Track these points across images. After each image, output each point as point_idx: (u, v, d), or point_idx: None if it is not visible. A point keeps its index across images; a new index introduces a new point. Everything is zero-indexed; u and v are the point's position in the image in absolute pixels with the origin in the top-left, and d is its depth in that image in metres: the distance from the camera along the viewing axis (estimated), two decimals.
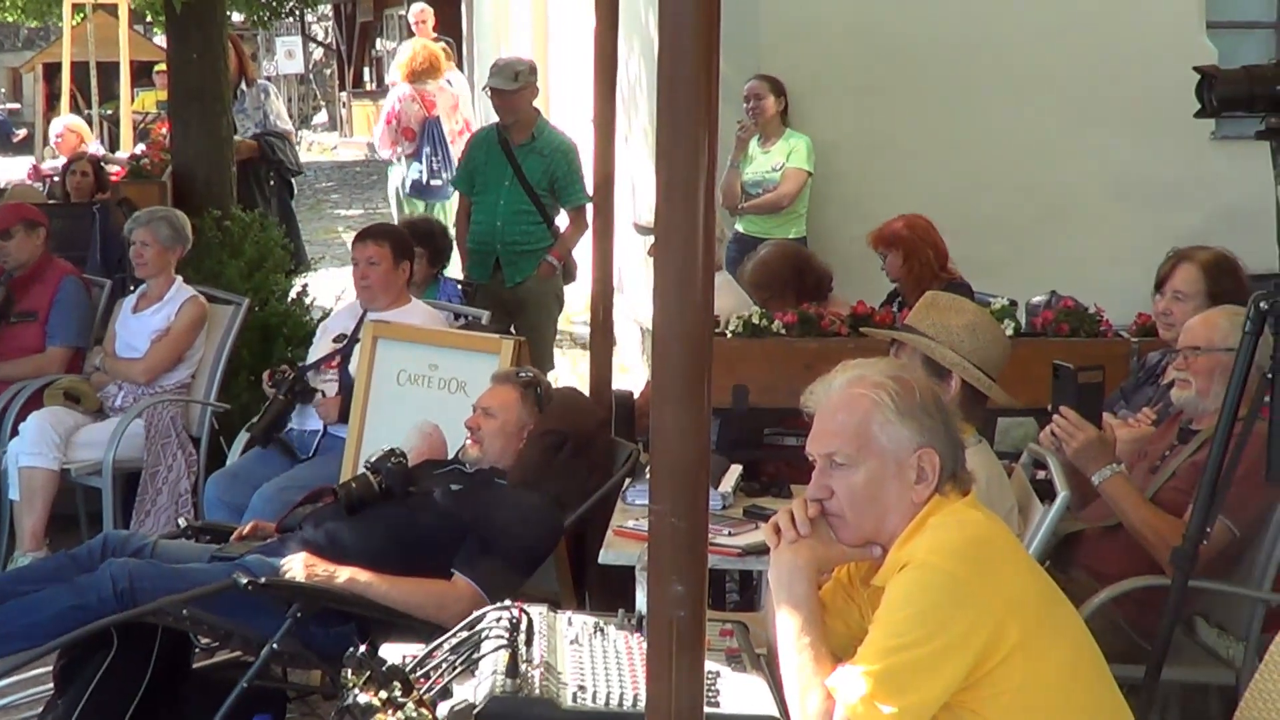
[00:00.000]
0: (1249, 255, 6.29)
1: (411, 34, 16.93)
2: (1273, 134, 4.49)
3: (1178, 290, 6.19)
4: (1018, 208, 10.61)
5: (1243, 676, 4.89)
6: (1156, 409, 5.95)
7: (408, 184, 13.34)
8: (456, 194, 10.15)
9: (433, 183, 13.17)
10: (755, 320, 6.69)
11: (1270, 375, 4.51)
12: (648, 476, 3.12)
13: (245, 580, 4.87)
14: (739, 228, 10.02)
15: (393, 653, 3.71)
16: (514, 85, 9.19)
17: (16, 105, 40.40)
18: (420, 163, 13.24)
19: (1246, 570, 5.33)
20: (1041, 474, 5.46)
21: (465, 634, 3.74)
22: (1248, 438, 4.66)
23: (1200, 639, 5.50)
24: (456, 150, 12.32)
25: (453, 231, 9.75)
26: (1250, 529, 5.23)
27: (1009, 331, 6.30)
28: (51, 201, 12.31)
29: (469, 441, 5.73)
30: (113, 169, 13.00)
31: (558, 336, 10.40)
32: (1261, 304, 4.53)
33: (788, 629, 3.43)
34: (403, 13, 24.68)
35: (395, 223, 11.51)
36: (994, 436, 6.42)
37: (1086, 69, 10.60)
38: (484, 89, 9.64)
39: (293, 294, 9.70)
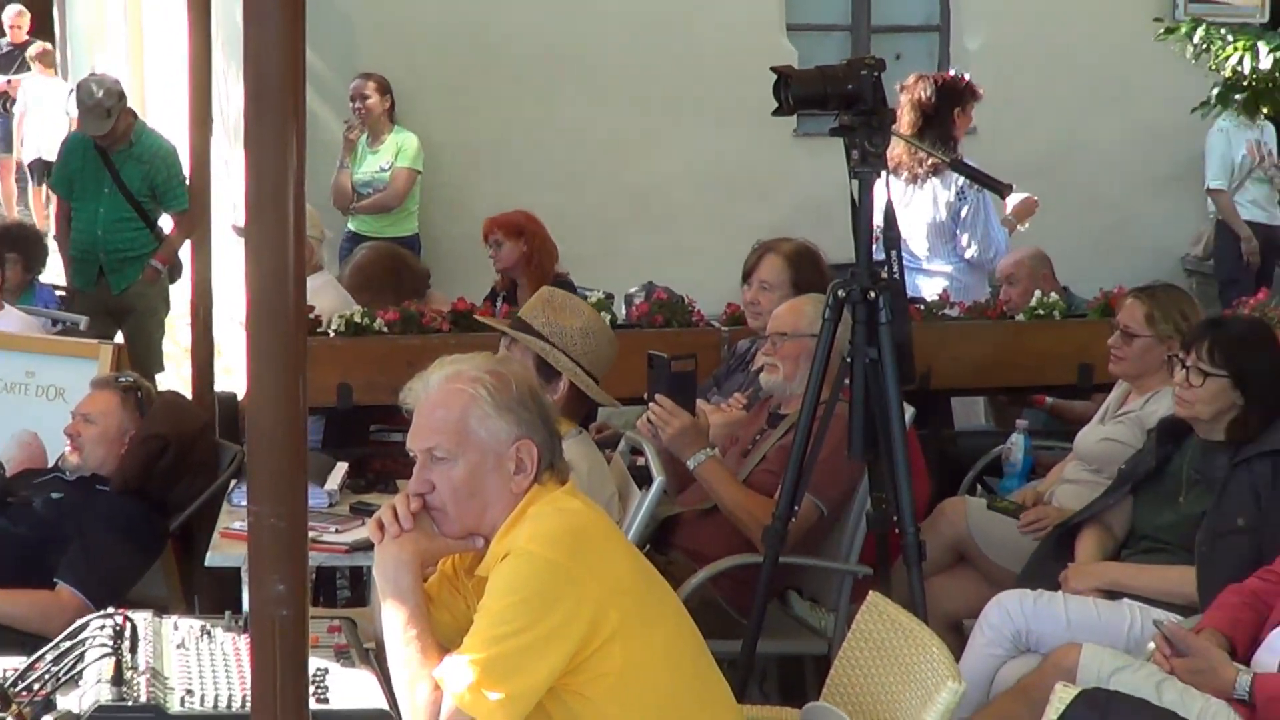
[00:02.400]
0: (829, 246, 6.49)
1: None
2: (846, 131, 4.63)
3: (764, 280, 6.34)
4: (612, 203, 10.72)
5: (834, 645, 5.01)
6: (747, 394, 6.08)
7: None
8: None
9: None
10: (357, 319, 6.63)
11: (849, 359, 4.65)
12: None
13: None
14: (351, 227, 9.91)
15: None
16: (107, 124, 8.83)
17: None
18: None
19: (834, 545, 5.50)
20: (639, 460, 5.53)
21: (68, 644, 3.63)
22: (831, 419, 4.79)
23: (794, 612, 5.65)
24: None
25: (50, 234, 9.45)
26: (836, 506, 5.39)
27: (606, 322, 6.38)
28: None
29: (69, 449, 5.55)
30: None
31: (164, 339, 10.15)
32: (840, 292, 4.67)
33: (394, 622, 3.40)
34: None
35: None
36: (596, 418, 6.50)
37: (674, 69, 10.77)
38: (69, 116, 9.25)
39: None
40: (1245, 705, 4.31)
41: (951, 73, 8.55)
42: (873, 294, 4.60)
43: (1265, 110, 6.91)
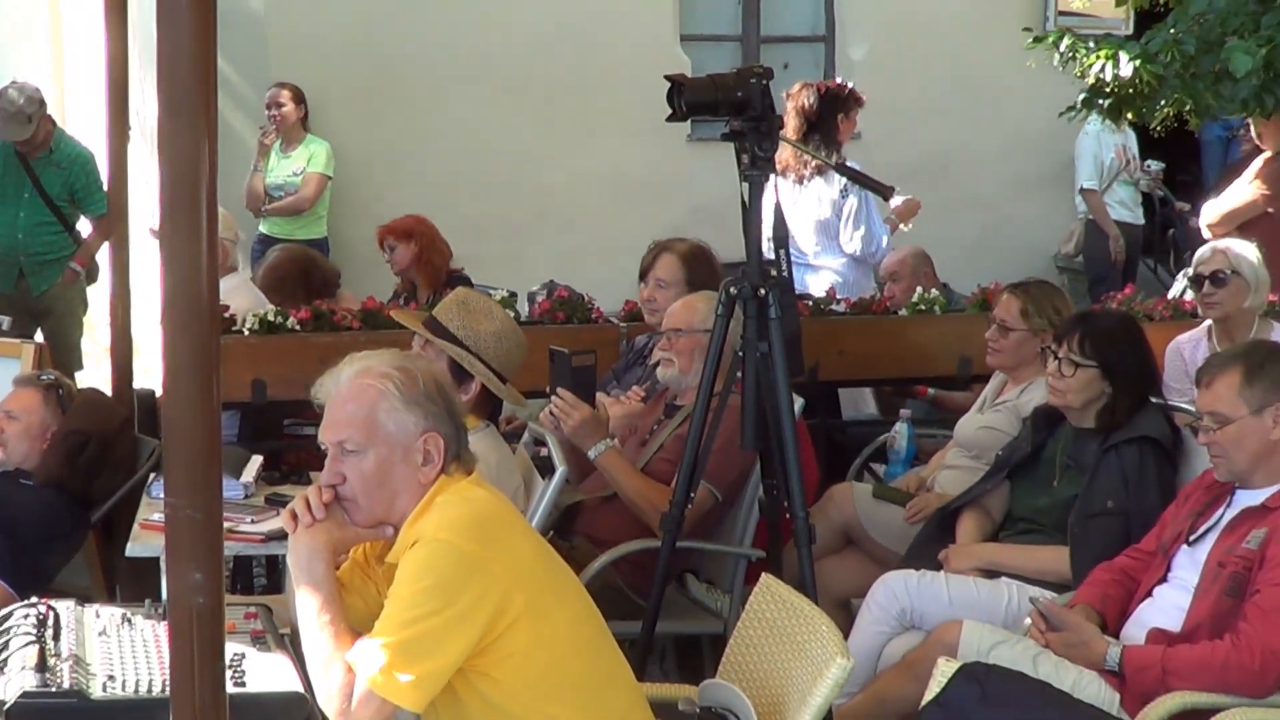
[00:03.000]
0: (721, 245, 6.50)
1: None
2: (736, 136, 4.63)
3: (660, 279, 6.35)
4: (515, 207, 10.70)
5: (729, 625, 5.03)
6: (645, 387, 6.08)
7: None
8: None
9: None
10: (271, 318, 6.58)
11: (741, 353, 4.65)
12: None
13: None
14: (263, 229, 9.85)
15: None
16: (28, 130, 8.69)
17: None
18: None
19: (728, 529, 5.51)
20: (543, 451, 5.52)
21: None
22: (724, 410, 4.80)
23: (691, 594, 5.65)
24: None
25: None
26: (730, 492, 5.40)
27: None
28: None
29: None
30: None
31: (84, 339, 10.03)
32: (732, 289, 4.67)
33: (308, 608, 3.38)
34: None
35: None
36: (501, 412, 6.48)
37: (574, 78, 10.77)
38: None
39: None
40: (1115, 675, 4.37)
41: (837, 81, 8.57)
42: (763, 291, 4.61)
43: (1129, 115, 6.97)
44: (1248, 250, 6.57)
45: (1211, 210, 7.98)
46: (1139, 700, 4.26)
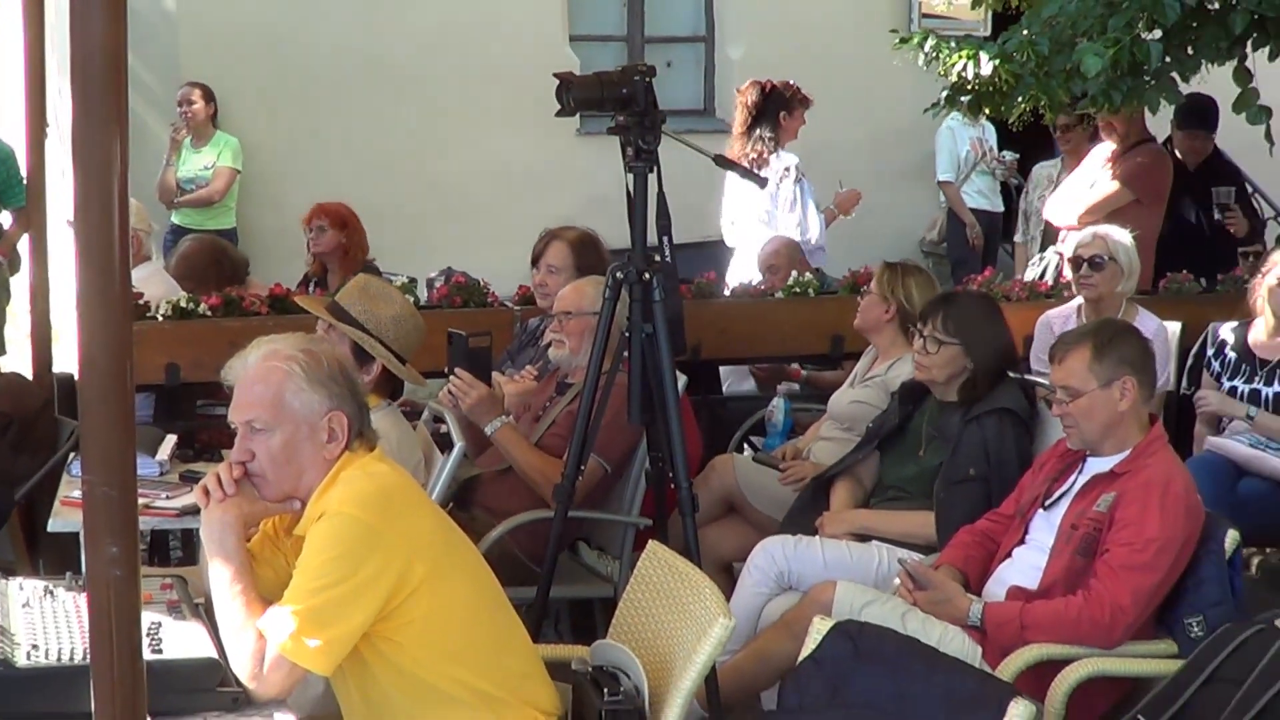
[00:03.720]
0: (609, 233, 6.49)
1: None
2: (621, 130, 4.63)
3: (550, 264, 6.34)
4: (414, 198, 10.67)
5: (619, 589, 5.04)
6: (537, 366, 6.08)
7: None
8: None
9: None
10: (183, 304, 6.52)
11: (628, 334, 4.66)
12: None
13: None
14: (175, 221, 9.78)
15: None
16: None
17: None
18: None
19: (617, 499, 5.52)
20: (442, 428, 5.51)
21: None
22: (612, 388, 4.80)
23: (583, 560, 5.66)
24: None
25: None
26: (618, 464, 5.42)
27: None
28: None
29: None
30: None
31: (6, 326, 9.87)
32: (618, 274, 4.68)
33: (221, 579, 3.36)
34: None
35: None
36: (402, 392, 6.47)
37: (469, 75, 10.77)
38: None
39: None
40: (977, 630, 4.43)
41: (788, 81, 8.56)
42: (647, 275, 4.61)
43: (986, 110, 7.03)
44: (1124, 237, 6.69)
45: (1070, 202, 8.07)
46: (999, 653, 4.33)
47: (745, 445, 6.97)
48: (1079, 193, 8.07)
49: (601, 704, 3.54)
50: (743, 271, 8.03)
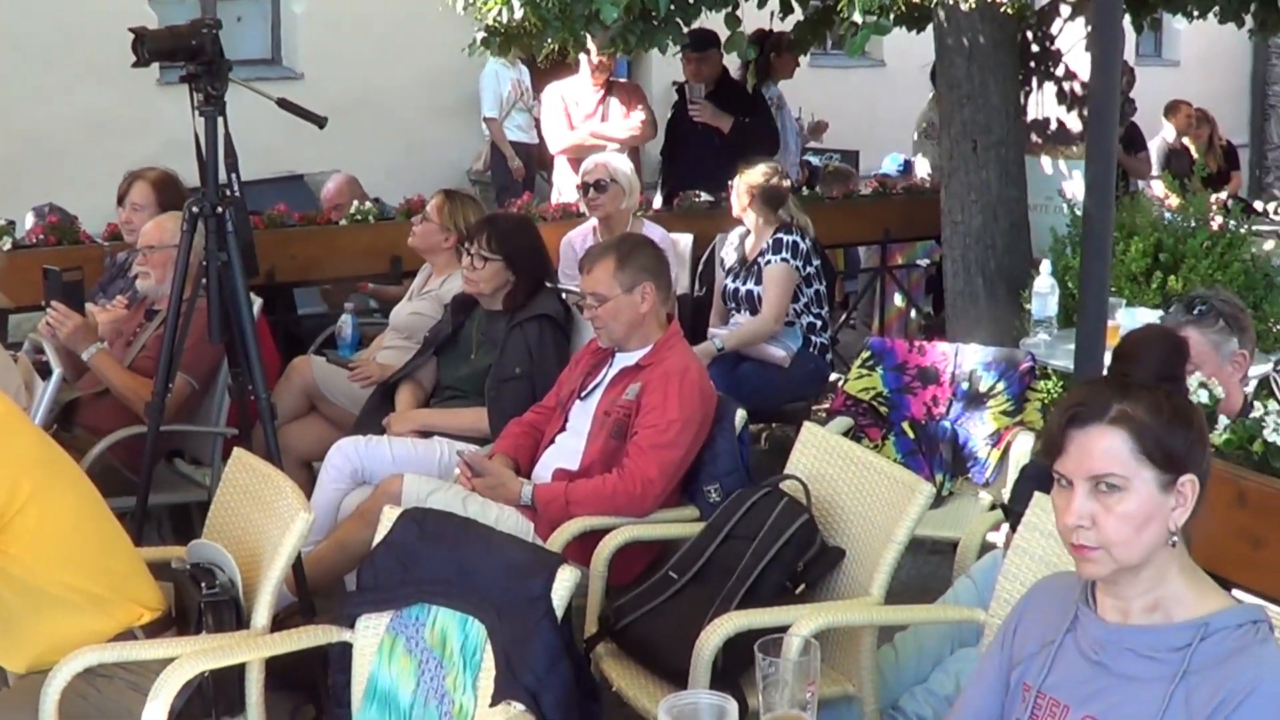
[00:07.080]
0: (187, 173, 6.16)
1: None
2: (192, 79, 4.41)
3: (135, 203, 6.11)
4: (7, 145, 10.10)
5: (212, 493, 4.87)
6: (127, 296, 5.82)
7: None
8: None
9: None
10: None
11: (205, 263, 4.48)
12: None
13: None
14: None
15: None
16: None
17: None
18: None
19: (206, 412, 5.40)
20: (42, 358, 5.26)
21: None
22: (194, 312, 4.62)
23: (178, 469, 5.51)
24: None
25: None
26: (204, 381, 5.30)
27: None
28: None
29: None
30: None
31: None
32: (194, 209, 4.48)
33: None
34: None
35: None
36: (7, 331, 6.13)
37: (59, 32, 10.29)
38: None
39: None
40: (529, 509, 4.48)
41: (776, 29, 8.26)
42: (220, 209, 4.43)
43: (516, 52, 7.00)
44: (623, 162, 6.83)
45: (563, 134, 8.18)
46: (549, 527, 4.39)
47: (320, 357, 6.84)
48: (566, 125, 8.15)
49: (200, 597, 3.48)
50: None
